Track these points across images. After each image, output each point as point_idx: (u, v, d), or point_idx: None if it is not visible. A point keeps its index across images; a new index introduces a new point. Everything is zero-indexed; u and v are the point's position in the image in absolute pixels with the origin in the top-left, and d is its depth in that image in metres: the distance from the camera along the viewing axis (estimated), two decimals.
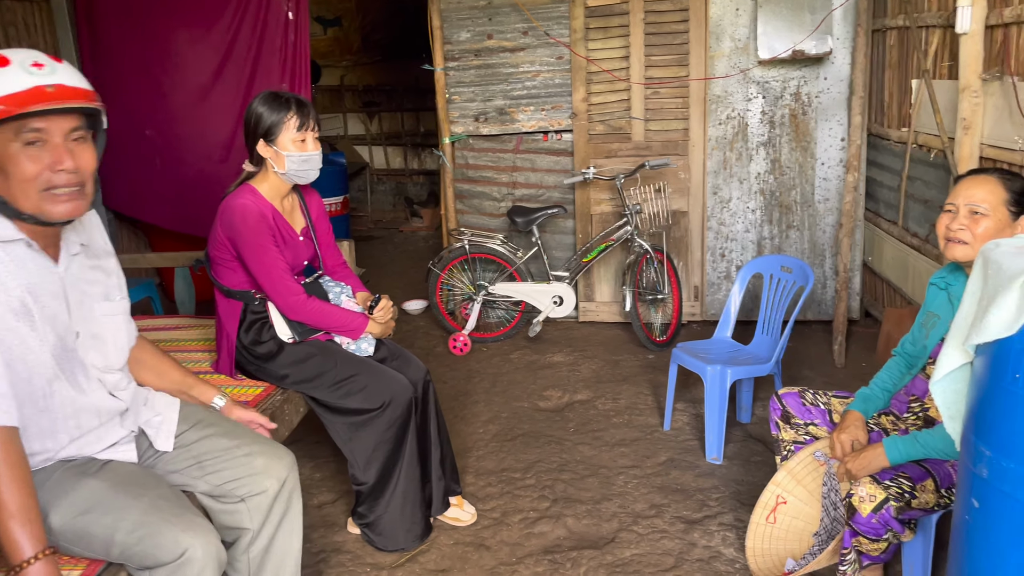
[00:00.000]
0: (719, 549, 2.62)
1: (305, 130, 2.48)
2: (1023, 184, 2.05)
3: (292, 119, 2.45)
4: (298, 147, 2.48)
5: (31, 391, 1.63)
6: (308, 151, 2.50)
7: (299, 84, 4.32)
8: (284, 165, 2.48)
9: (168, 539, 1.62)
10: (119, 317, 1.85)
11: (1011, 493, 1.36)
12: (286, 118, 2.45)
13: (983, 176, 2.08)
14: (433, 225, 7.91)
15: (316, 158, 2.53)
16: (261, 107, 2.46)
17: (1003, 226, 2.03)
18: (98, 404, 1.76)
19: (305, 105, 2.49)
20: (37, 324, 1.62)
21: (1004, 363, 1.37)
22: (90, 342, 1.76)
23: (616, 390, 3.91)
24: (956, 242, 2.07)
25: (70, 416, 1.71)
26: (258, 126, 2.46)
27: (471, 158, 4.92)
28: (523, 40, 4.65)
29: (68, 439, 1.73)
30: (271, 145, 2.46)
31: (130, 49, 4.44)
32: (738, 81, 4.46)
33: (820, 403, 2.46)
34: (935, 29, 3.46)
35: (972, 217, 2.05)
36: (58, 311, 1.68)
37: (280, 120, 2.44)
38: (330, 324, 2.59)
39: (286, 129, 2.45)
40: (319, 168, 2.56)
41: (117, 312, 1.85)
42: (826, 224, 4.57)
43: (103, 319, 1.80)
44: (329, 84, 8.86)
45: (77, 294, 1.74)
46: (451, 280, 4.73)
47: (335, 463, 3.24)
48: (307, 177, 2.55)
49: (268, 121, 2.45)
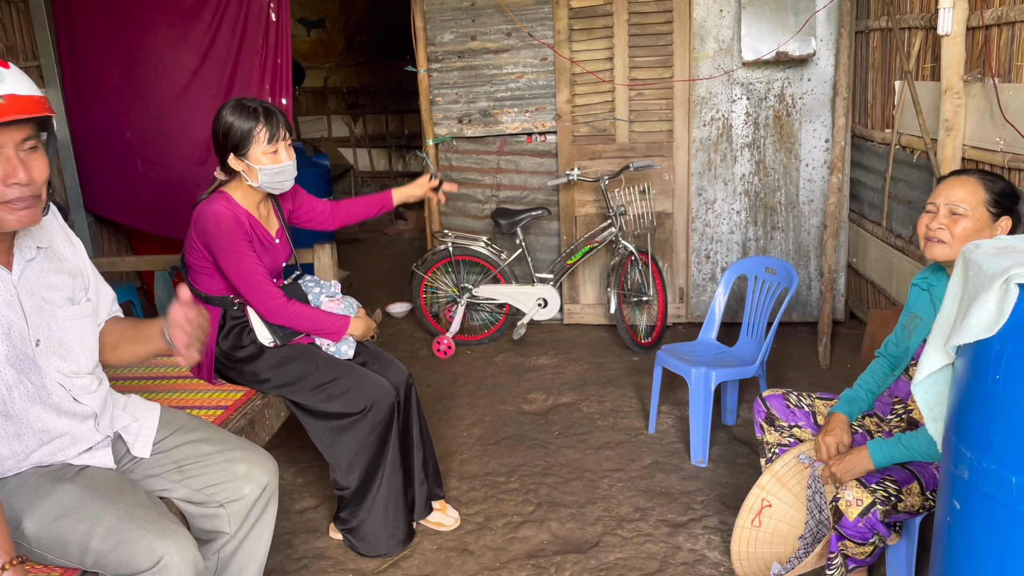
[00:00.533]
0: (704, 552, 2.61)
1: (276, 141, 2.39)
2: (1003, 185, 2.06)
3: (262, 132, 2.36)
4: (270, 159, 2.40)
5: None
6: (281, 162, 2.42)
7: (281, 86, 4.28)
8: (257, 178, 2.41)
9: (143, 546, 1.59)
10: (86, 320, 1.80)
11: (991, 494, 1.35)
12: (255, 131, 2.36)
13: (964, 177, 2.08)
14: (417, 227, 7.88)
15: (289, 168, 2.45)
16: (229, 118, 2.37)
17: (982, 227, 2.03)
18: (62, 409, 1.73)
19: (273, 114, 2.39)
20: None
21: (984, 364, 1.36)
22: (54, 348, 1.72)
23: (601, 393, 3.90)
24: (935, 241, 2.07)
25: (34, 420, 1.68)
26: (227, 139, 2.38)
27: (455, 160, 4.90)
28: (507, 41, 4.63)
29: (36, 442, 1.70)
30: (243, 159, 2.39)
31: (109, 50, 4.40)
32: (722, 82, 4.46)
33: (804, 405, 2.45)
34: (917, 31, 3.47)
35: (951, 217, 2.05)
36: (13, 320, 1.64)
37: (249, 134, 2.36)
38: (311, 327, 2.56)
39: (256, 142, 2.37)
40: (294, 176, 2.49)
41: (83, 315, 1.80)
42: (811, 225, 4.57)
43: (68, 323, 1.75)
44: (313, 86, 8.82)
45: (36, 301, 1.69)
46: (435, 283, 4.71)
47: (317, 468, 3.20)
48: (282, 187, 2.48)
49: (237, 135, 2.36)
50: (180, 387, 2.59)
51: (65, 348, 1.74)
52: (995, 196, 2.03)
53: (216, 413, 2.39)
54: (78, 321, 1.78)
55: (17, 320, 1.64)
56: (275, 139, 2.39)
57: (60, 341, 1.73)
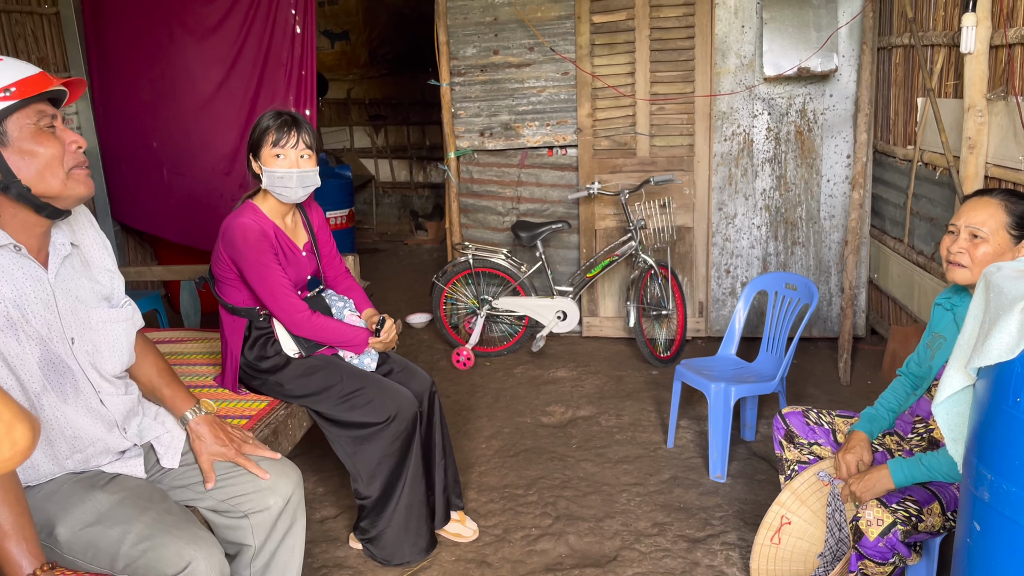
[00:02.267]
0: (722, 568, 2.61)
1: (283, 145, 2.43)
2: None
3: (271, 134, 2.44)
4: (274, 163, 2.44)
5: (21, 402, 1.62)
6: (283, 167, 2.44)
7: (305, 97, 4.35)
8: (264, 180, 2.48)
9: (172, 551, 1.62)
10: (121, 324, 1.82)
11: (1012, 517, 1.35)
12: (268, 132, 2.44)
13: (986, 199, 2.07)
14: (438, 238, 7.93)
15: (294, 176, 2.45)
16: (259, 122, 2.48)
17: (1003, 250, 2.02)
18: (91, 410, 1.75)
19: (288, 120, 2.44)
20: (22, 337, 1.61)
21: (1005, 386, 1.37)
22: (86, 347, 1.74)
23: (619, 406, 3.91)
24: (956, 265, 2.07)
25: (64, 425, 1.71)
26: (251, 142, 2.49)
27: (476, 172, 4.94)
28: (529, 56, 4.67)
29: (69, 449, 1.73)
30: (257, 160, 2.48)
31: (137, 61, 4.48)
32: (743, 98, 4.47)
33: (824, 423, 2.45)
34: (940, 48, 3.47)
35: (972, 240, 2.05)
36: (50, 320, 1.67)
37: (262, 135, 2.45)
38: (334, 339, 2.60)
39: (266, 144, 2.44)
40: (306, 187, 2.49)
41: (119, 319, 1.82)
42: (832, 241, 4.56)
43: (100, 325, 1.77)
44: (336, 97, 8.91)
45: (70, 300, 1.72)
46: (455, 294, 4.74)
47: (338, 477, 3.23)
48: (286, 195, 2.48)
49: (254, 136, 2.47)
50: (204, 396, 2.63)
51: (96, 349, 1.77)
52: (1017, 219, 2.02)
53: (241, 423, 2.42)
54: (112, 324, 1.80)
55: (54, 320, 1.67)
56: (281, 143, 2.43)
57: (92, 341, 1.76)
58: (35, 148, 1.58)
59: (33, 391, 1.64)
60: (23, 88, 1.56)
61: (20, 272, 1.62)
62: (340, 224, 6.32)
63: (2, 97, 1.54)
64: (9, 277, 1.60)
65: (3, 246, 1.60)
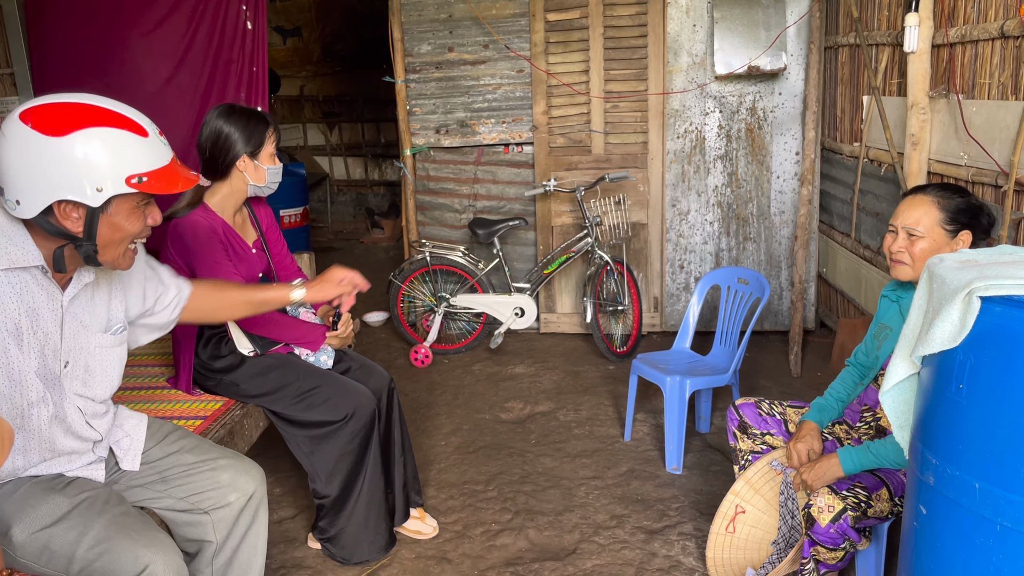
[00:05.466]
0: (679, 558, 2.65)
1: (276, 143, 2.56)
2: (959, 202, 2.11)
3: (272, 135, 2.52)
4: (274, 161, 2.55)
5: (11, 409, 1.61)
6: (279, 163, 2.58)
7: (257, 94, 4.29)
8: (264, 179, 2.52)
9: (129, 554, 1.60)
10: (116, 349, 1.82)
11: (956, 499, 1.41)
12: (268, 134, 2.50)
13: (920, 197, 2.15)
14: (394, 236, 7.88)
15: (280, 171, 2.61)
16: (234, 124, 2.44)
17: (940, 245, 2.10)
18: (73, 432, 1.75)
19: (273, 118, 2.57)
20: (24, 345, 1.60)
21: (948, 374, 1.42)
22: (79, 372, 1.74)
23: (577, 401, 3.94)
24: (899, 263, 2.15)
25: (45, 439, 1.70)
26: (238, 143, 2.44)
27: (432, 170, 4.93)
28: (484, 53, 4.67)
29: (40, 459, 1.72)
30: (253, 160, 2.48)
31: (80, 55, 4.37)
32: (695, 96, 4.54)
33: (776, 413, 2.51)
34: (884, 47, 3.57)
35: (910, 239, 2.13)
36: (52, 335, 1.66)
37: (263, 137, 2.49)
38: (289, 336, 2.58)
39: (268, 144, 2.50)
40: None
41: (114, 344, 1.82)
42: (782, 236, 4.66)
43: (97, 351, 1.77)
44: (288, 94, 8.81)
45: (75, 324, 1.71)
46: (412, 292, 4.72)
47: (295, 478, 3.20)
48: (271, 190, 2.59)
49: (252, 138, 2.46)
50: (159, 398, 2.59)
51: (89, 374, 1.76)
52: (950, 214, 2.10)
53: (195, 424, 2.38)
54: (108, 350, 1.80)
55: (54, 337, 1.66)
56: (278, 142, 2.56)
57: (86, 366, 1.75)
58: (124, 225, 1.59)
59: (27, 399, 1.63)
60: (153, 182, 1.55)
61: (39, 289, 1.62)
62: (294, 222, 6.25)
63: (132, 184, 1.53)
64: (29, 292, 1.60)
65: (34, 266, 1.59)
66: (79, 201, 1.51)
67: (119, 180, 1.52)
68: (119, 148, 1.52)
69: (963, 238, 2.10)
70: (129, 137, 1.54)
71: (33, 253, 1.58)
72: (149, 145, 1.57)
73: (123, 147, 1.53)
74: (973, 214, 2.11)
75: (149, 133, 1.57)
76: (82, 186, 1.50)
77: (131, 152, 1.53)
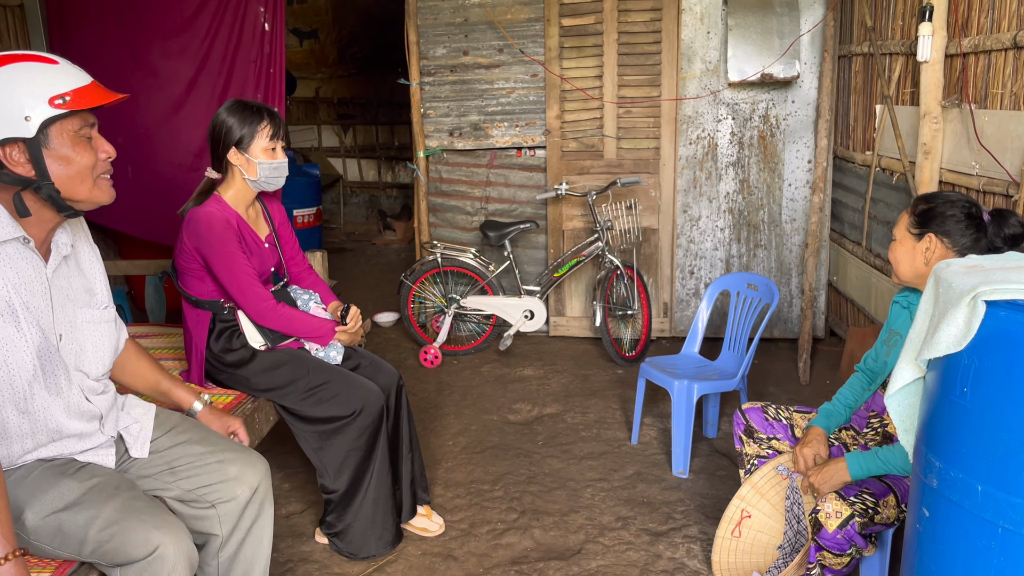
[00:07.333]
0: (683, 561, 2.66)
1: (276, 139, 2.53)
2: (923, 206, 2.13)
3: (266, 128, 2.50)
4: (269, 155, 2.52)
5: (12, 393, 1.64)
6: (278, 159, 2.55)
7: (273, 95, 4.32)
8: (256, 173, 2.51)
9: (140, 536, 1.63)
10: (103, 326, 1.86)
11: (959, 502, 1.41)
12: (260, 127, 2.49)
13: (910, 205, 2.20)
14: (406, 238, 7.92)
15: (285, 166, 2.59)
16: (232, 115, 2.48)
17: (908, 248, 2.14)
18: (75, 408, 1.77)
19: (276, 115, 2.54)
20: (22, 324, 1.63)
21: (953, 377, 1.43)
22: (72, 346, 1.77)
23: (585, 404, 3.95)
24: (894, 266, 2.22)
25: (49, 418, 1.72)
26: (229, 134, 2.48)
27: (445, 172, 4.96)
28: (498, 57, 4.70)
29: (48, 439, 1.74)
30: (243, 153, 2.49)
31: (103, 57, 4.42)
32: (708, 102, 4.55)
33: (782, 418, 2.52)
34: (898, 56, 3.57)
35: (892, 245, 2.20)
36: (44, 311, 1.69)
37: (254, 129, 2.48)
38: (299, 330, 2.60)
39: (260, 137, 2.49)
40: (285, 176, 2.61)
41: (101, 320, 1.85)
42: (792, 244, 4.66)
43: (84, 326, 1.81)
44: (304, 96, 8.87)
45: (60, 298, 1.75)
46: (423, 293, 4.75)
47: (304, 473, 3.23)
48: (276, 184, 2.59)
49: (242, 129, 2.48)
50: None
51: (80, 349, 1.79)
52: (916, 218, 2.13)
53: None
54: (95, 325, 1.83)
55: (47, 312, 1.70)
56: (276, 137, 2.53)
57: (77, 340, 1.78)
58: (72, 155, 1.64)
59: (26, 380, 1.65)
60: (77, 99, 1.62)
61: (23, 262, 1.65)
62: (307, 222, 6.29)
63: (56, 104, 1.59)
64: (15, 266, 1.63)
65: (15, 238, 1.63)
66: (15, 136, 1.57)
67: (43, 103, 1.58)
68: (33, 77, 1.59)
69: (927, 242, 2.09)
70: (40, 66, 1.62)
71: (11, 225, 1.62)
72: (62, 70, 1.64)
73: (36, 75, 1.60)
74: (935, 218, 2.09)
75: (59, 62, 1.65)
76: (10, 120, 1.56)
77: (45, 77, 1.60)
